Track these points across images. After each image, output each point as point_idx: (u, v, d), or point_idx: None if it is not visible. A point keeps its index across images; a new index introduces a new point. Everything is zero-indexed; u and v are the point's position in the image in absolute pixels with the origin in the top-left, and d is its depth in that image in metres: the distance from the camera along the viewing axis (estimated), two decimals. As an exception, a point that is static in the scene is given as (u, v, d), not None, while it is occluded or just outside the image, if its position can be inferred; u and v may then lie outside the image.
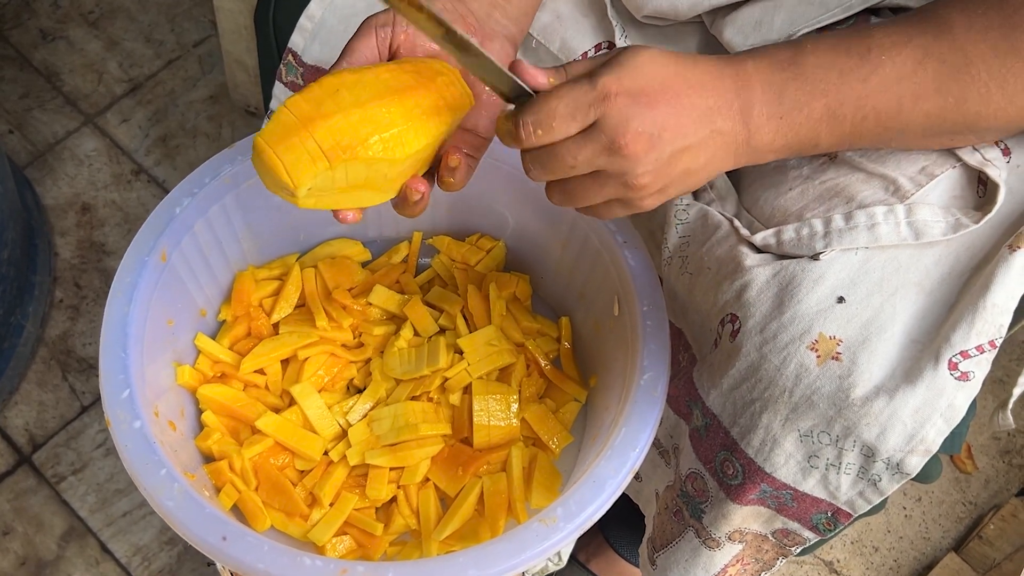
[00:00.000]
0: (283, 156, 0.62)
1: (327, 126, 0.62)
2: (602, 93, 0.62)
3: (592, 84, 0.63)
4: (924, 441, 0.67)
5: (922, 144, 0.71)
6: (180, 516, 0.72)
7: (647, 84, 0.63)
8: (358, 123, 0.63)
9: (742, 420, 0.72)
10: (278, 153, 0.62)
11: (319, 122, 0.62)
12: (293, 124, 0.62)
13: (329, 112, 0.62)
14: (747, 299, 0.71)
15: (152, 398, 0.80)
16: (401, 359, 0.92)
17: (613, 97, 0.62)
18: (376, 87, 0.65)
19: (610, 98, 0.62)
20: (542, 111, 0.63)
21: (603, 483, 0.74)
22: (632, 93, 0.63)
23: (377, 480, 0.87)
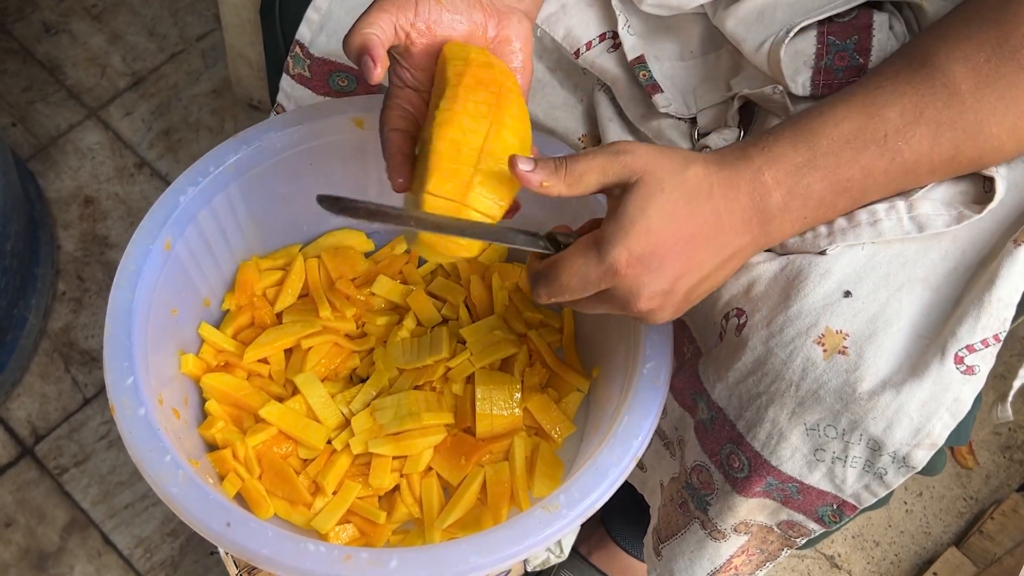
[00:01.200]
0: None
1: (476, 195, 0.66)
2: (611, 268, 0.64)
3: (600, 259, 0.64)
4: (930, 435, 0.67)
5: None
6: (184, 502, 0.72)
7: (658, 245, 0.64)
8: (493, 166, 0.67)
9: (748, 413, 0.73)
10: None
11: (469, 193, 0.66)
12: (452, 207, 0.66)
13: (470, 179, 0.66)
14: (754, 294, 0.72)
15: (157, 386, 0.80)
16: (404, 349, 0.92)
17: (623, 272, 0.64)
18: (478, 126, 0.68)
19: (619, 272, 0.64)
20: (554, 285, 0.66)
21: (606, 471, 0.74)
22: (643, 260, 0.64)
23: (380, 469, 0.87)
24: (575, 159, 0.65)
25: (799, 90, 0.76)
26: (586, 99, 0.90)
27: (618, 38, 0.85)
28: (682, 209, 0.64)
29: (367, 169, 0.93)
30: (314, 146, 0.90)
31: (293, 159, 0.90)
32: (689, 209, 0.65)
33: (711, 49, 0.85)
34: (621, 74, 0.85)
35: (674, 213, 0.64)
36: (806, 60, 0.77)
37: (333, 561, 0.70)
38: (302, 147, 0.89)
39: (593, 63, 0.86)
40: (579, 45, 0.87)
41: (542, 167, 0.64)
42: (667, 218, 0.64)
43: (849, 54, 0.76)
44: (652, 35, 0.86)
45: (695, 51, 0.86)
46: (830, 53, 0.76)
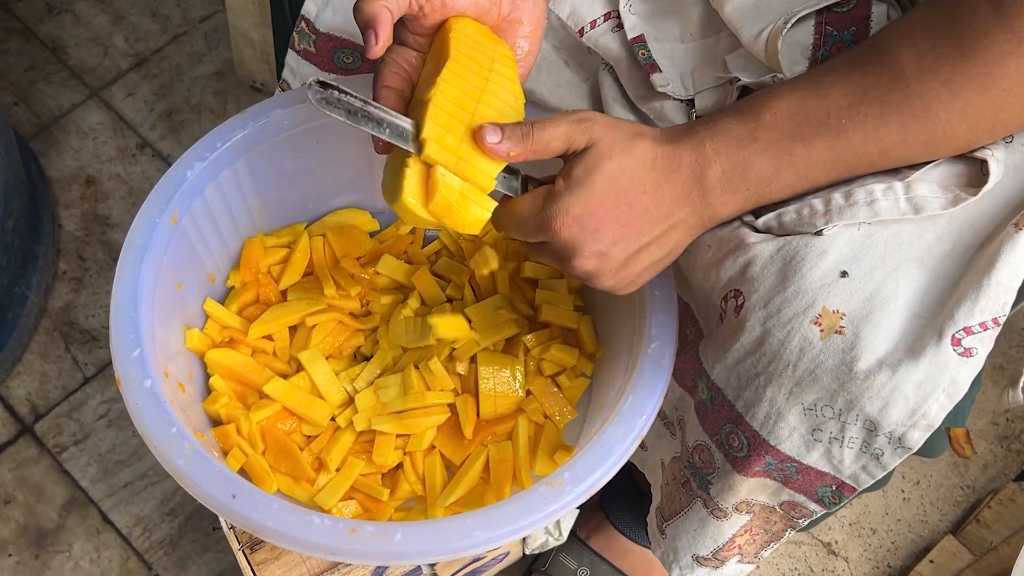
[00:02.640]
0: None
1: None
2: (548, 222, 0.69)
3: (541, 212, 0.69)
4: (926, 416, 0.67)
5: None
6: (190, 474, 0.72)
7: (596, 208, 0.68)
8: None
9: (747, 394, 0.73)
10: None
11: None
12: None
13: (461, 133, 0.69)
14: (751, 274, 0.72)
15: (163, 359, 0.80)
16: (407, 327, 0.92)
17: (559, 226, 0.68)
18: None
19: (554, 229, 0.69)
20: (503, 221, 0.72)
21: (610, 449, 0.74)
22: (580, 221, 0.68)
23: (384, 446, 0.87)
24: (542, 126, 0.69)
25: None
26: (591, 79, 0.91)
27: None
28: (625, 177, 0.69)
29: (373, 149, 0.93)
30: (321, 123, 0.89)
31: (300, 136, 0.90)
32: (631, 178, 0.69)
33: (710, 32, 0.85)
34: (624, 54, 0.85)
35: (617, 180, 0.69)
36: (803, 50, 0.77)
37: (338, 534, 0.70)
38: (309, 124, 0.89)
39: (597, 42, 0.87)
40: (583, 24, 0.87)
41: (509, 137, 0.68)
42: (609, 185, 0.68)
43: (846, 45, 0.76)
44: (653, 16, 0.86)
45: (695, 33, 0.86)
46: (827, 44, 0.77)
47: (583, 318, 0.94)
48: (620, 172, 0.69)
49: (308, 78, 0.93)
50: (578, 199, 0.68)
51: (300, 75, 0.95)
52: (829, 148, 0.68)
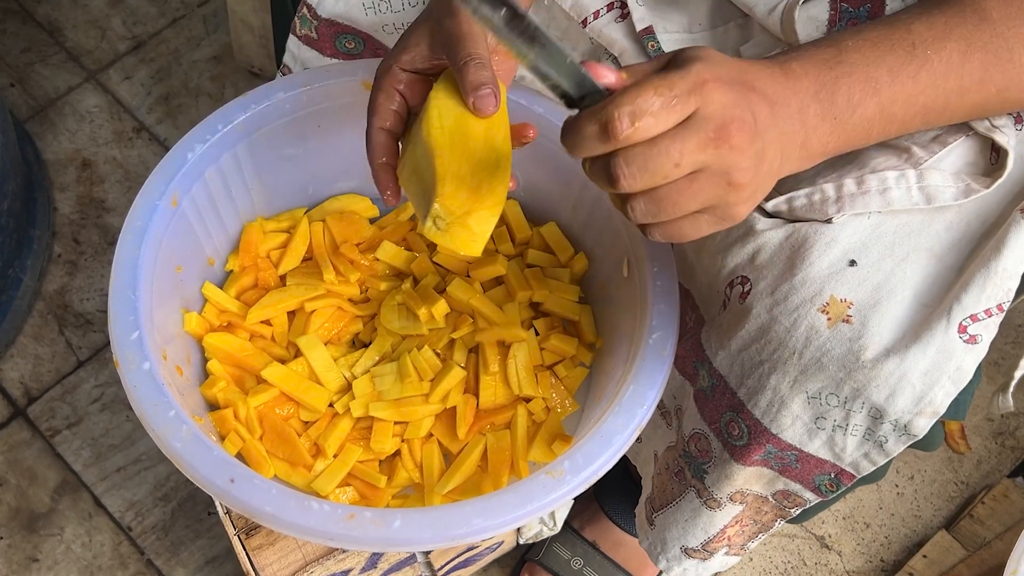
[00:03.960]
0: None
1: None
2: (699, 79, 0.58)
3: (685, 71, 0.58)
4: (932, 403, 0.67)
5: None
6: (188, 457, 0.72)
7: (731, 73, 0.60)
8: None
9: (750, 381, 0.73)
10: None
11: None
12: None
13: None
14: (759, 262, 0.72)
15: (161, 342, 0.80)
16: (400, 314, 0.92)
17: (712, 83, 0.58)
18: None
19: (708, 84, 0.58)
20: (639, 99, 0.56)
21: (610, 438, 0.74)
22: (728, 80, 0.59)
23: (381, 433, 0.87)
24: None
25: None
26: (593, 68, 0.90)
27: (626, 7, 0.84)
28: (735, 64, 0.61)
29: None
30: (323, 108, 0.89)
31: (301, 120, 0.89)
32: (741, 67, 0.61)
33: (719, 22, 0.85)
34: (629, 44, 0.85)
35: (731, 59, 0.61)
36: (818, 26, 0.77)
37: (336, 520, 0.70)
38: (311, 109, 0.89)
39: (600, 33, 0.86)
40: (587, 14, 0.86)
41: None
42: (728, 59, 0.61)
43: (862, 21, 0.76)
44: (661, 6, 0.86)
45: (703, 24, 0.86)
46: (843, 19, 0.76)
47: (583, 308, 0.94)
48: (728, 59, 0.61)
49: (309, 64, 0.94)
50: (714, 64, 0.59)
51: (301, 61, 0.94)
52: (913, 79, 0.65)
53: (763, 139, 0.60)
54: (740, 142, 0.58)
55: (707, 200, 0.60)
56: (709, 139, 0.57)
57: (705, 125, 0.57)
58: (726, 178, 0.59)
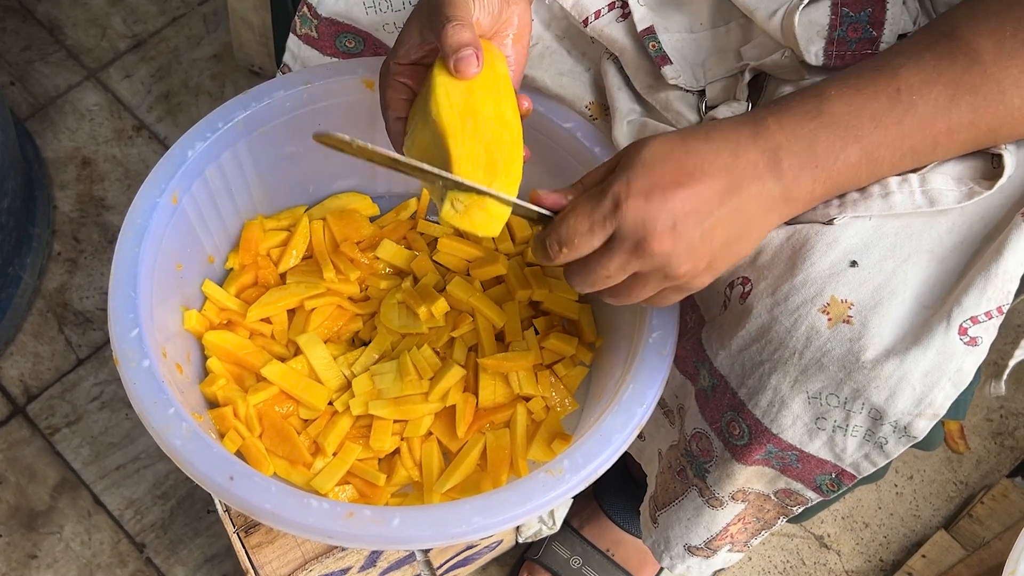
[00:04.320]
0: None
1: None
2: (615, 202, 0.64)
3: (602, 194, 0.64)
4: (932, 404, 0.67)
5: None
6: (188, 455, 0.72)
7: (658, 178, 0.64)
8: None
9: (750, 381, 0.72)
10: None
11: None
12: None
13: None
14: (760, 262, 0.72)
15: (161, 340, 0.80)
16: (399, 312, 0.92)
17: (624, 204, 0.64)
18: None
19: (622, 205, 0.64)
20: (562, 231, 0.66)
21: (610, 437, 0.74)
22: (644, 192, 0.64)
23: (381, 431, 0.87)
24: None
25: (812, 59, 0.76)
26: (593, 67, 0.90)
27: (627, 7, 0.84)
28: (679, 149, 0.65)
29: (376, 131, 0.92)
30: (323, 106, 0.89)
31: (302, 119, 0.89)
32: (686, 149, 0.65)
33: (720, 22, 0.85)
34: (629, 44, 0.85)
35: (671, 153, 0.65)
36: (819, 30, 0.76)
37: (336, 518, 0.70)
38: (311, 107, 0.89)
39: (601, 32, 0.86)
40: (587, 14, 0.86)
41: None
42: (664, 157, 0.65)
43: (862, 26, 0.76)
44: (662, 6, 0.86)
45: (704, 23, 0.86)
46: (843, 24, 0.76)
47: (583, 307, 0.94)
48: (671, 148, 0.65)
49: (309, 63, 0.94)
50: (638, 175, 0.64)
51: (301, 59, 0.94)
52: (898, 124, 0.66)
53: (700, 227, 0.64)
54: (660, 249, 0.64)
55: (656, 289, 0.68)
56: (630, 253, 0.65)
57: (623, 244, 0.65)
58: (662, 273, 0.66)
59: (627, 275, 0.67)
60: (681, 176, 0.64)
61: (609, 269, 0.66)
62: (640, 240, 0.64)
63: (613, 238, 0.65)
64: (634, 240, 0.64)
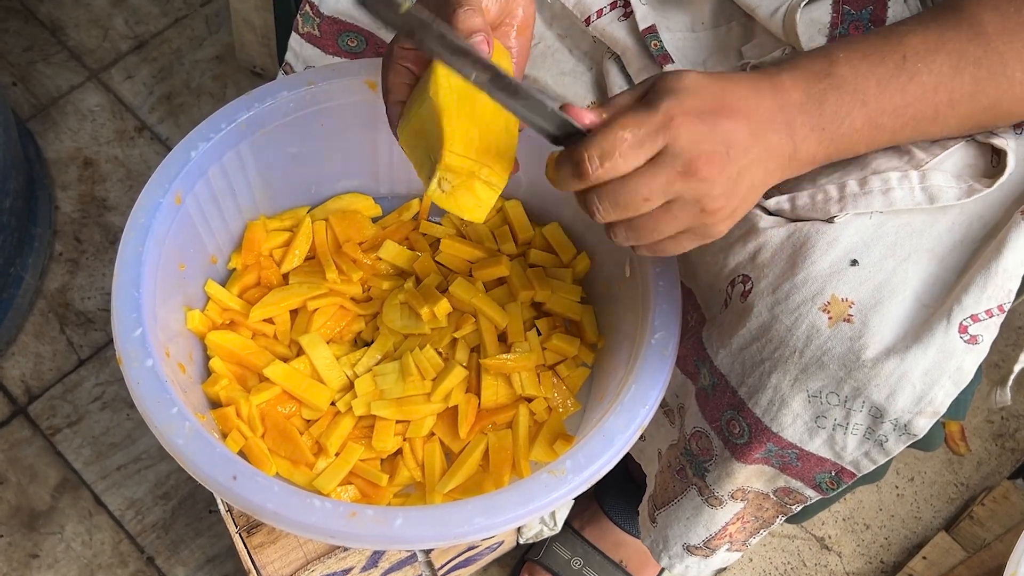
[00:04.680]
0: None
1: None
2: (667, 116, 0.61)
3: (654, 109, 0.61)
4: (932, 403, 0.67)
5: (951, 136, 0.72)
6: (191, 454, 0.72)
7: (705, 103, 0.62)
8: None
9: (750, 380, 0.73)
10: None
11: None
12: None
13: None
14: (760, 260, 0.72)
15: (163, 340, 0.80)
16: (402, 313, 0.92)
17: (679, 119, 0.61)
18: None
19: (676, 120, 0.60)
20: (607, 141, 0.60)
21: (612, 438, 0.74)
22: (696, 113, 0.61)
23: (383, 432, 0.87)
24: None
25: None
26: (595, 67, 0.90)
27: (629, 6, 0.85)
28: (716, 85, 0.63)
29: (378, 132, 0.93)
30: (326, 107, 0.89)
31: (305, 119, 0.89)
32: (723, 87, 0.64)
33: (722, 21, 0.85)
34: (631, 43, 0.85)
35: (711, 84, 0.63)
36: (821, 28, 0.77)
37: (338, 517, 0.70)
38: (314, 108, 0.89)
39: (603, 31, 0.86)
40: (589, 13, 0.86)
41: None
42: (707, 86, 0.63)
43: (864, 24, 0.76)
44: (663, 5, 0.86)
45: (706, 23, 0.86)
46: (845, 23, 0.77)
47: (585, 308, 0.94)
48: (709, 82, 0.63)
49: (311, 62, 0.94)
50: (687, 96, 0.61)
51: (303, 59, 0.94)
52: (902, 91, 0.66)
53: (739, 163, 0.63)
54: (709, 174, 0.61)
55: (683, 225, 0.64)
56: (678, 174, 0.61)
57: (673, 161, 0.61)
58: (698, 206, 0.63)
59: (666, 200, 0.62)
60: (724, 108, 0.63)
61: (652, 189, 0.61)
62: (692, 160, 0.61)
63: (661, 155, 0.61)
64: (686, 159, 0.61)
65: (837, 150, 0.68)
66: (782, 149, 0.65)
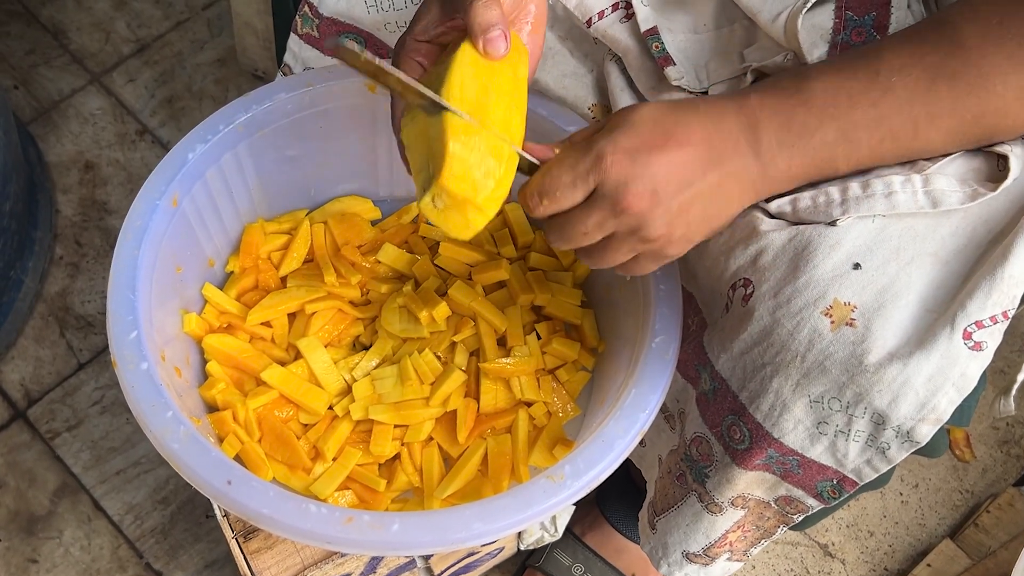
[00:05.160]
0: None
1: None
2: (597, 157, 0.65)
3: (588, 149, 0.65)
4: (935, 409, 0.67)
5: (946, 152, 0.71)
6: (186, 459, 0.71)
7: (645, 140, 0.65)
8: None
9: (752, 385, 0.72)
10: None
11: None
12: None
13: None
14: (762, 264, 0.71)
15: (160, 343, 0.79)
16: (401, 316, 0.91)
17: (608, 159, 0.64)
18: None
19: (605, 161, 0.64)
20: (545, 182, 0.66)
21: (612, 443, 0.74)
22: (629, 152, 0.65)
23: (381, 436, 0.87)
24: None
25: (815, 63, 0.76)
26: (597, 69, 0.90)
27: (631, 8, 0.84)
28: (668, 116, 0.66)
29: (377, 135, 0.92)
30: (325, 109, 0.89)
31: (303, 121, 0.89)
32: (675, 118, 0.66)
33: (724, 23, 0.85)
34: (633, 45, 0.84)
35: (660, 119, 0.66)
36: (823, 34, 0.76)
37: (334, 522, 0.69)
38: (313, 109, 0.89)
39: (605, 33, 0.86)
40: (591, 14, 0.85)
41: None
42: (653, 122, 0.66)
43: (867, 30, 0.76)
44: (665, 7, 0.85)
45: (708, 24, 0.85)
46: (847, 28, 0.76)
47: (586, 312, 0.93)
48: (661, 116, 0.66)
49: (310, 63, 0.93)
50: (625, 134, 0.65)
51: (302, 60, 0.94)
52: (874, 104, 0.67)
53: (677, 198, 0.65)
54: (639, 210, 0.65)
55: (630, 252, 0.68)
56: (609, 211, 0.65)
57: (602, 201, 0.65)
58: (637, 236, 0.67)
59: (604, 234, 0.67)
60: (667, 141, 0.65)
61: (587, 225, 0.66)
62: (619, 200, 0.65)
63: (594, 194, 0.66)
64: (614, 198, 0.65)
65: (814, 165, 0.69)
66: (747, 170, 0.68)
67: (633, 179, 0.64)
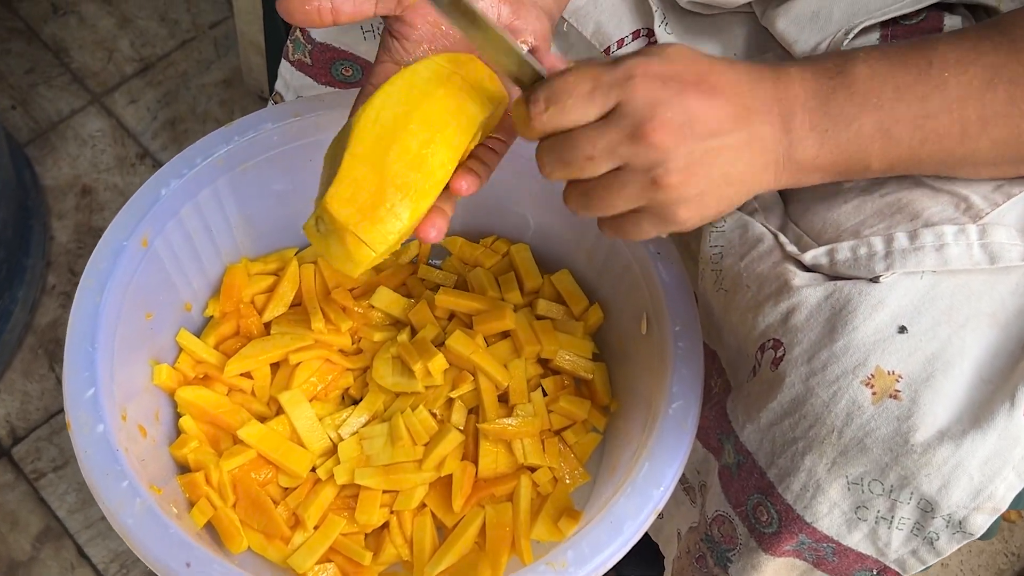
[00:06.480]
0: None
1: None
2: (626, 73, 0.56)
3: (615, 64, 0.57)
4: (992, 497, 0.61)
5: (991, 173, 0.65)
6: (140, 536, 0.66)
7: (679, 71, 0.58)
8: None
9: (781, 461, 0.66)
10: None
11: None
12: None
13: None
14: (794, 324, 0.65)
15: (122, 399, 0.74)
16: (394, 368, 0.85)
17: (639, 78, 0.56)
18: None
19: (635, 79, 0.56)
20: (556, 86, 0.57)
21: (621, 524, 0.68)
22: (662, 77, 0.57)
23: (368, 503, 0.81)
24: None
25: None
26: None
27: (653, 36, 0.79)
28: (704, 60, 0.59)
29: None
30: (315, 141, 0.83)
31: (291, 154, 0.83)
32: (711, 64, 0.59)
33: (756, 52, 0.80)
34: None
35: (697, 59, 0.59)
36: None
37: (308, 608, 0.63)
38: (301, 141, 0.83)
39: (626, 63, 0.79)
40: (610, 43, 0.81)
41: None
42: (689, 59, 0.59)
43: None
44: (692, 35, 0.80)
45: (739, 53, 0.80)
46: None
47: (598, 366, 0.87)
48: (699, 56, 0.59)
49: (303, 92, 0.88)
50: (659, 60, 0.57)
51: (294, 88, 0.90)
52: (922, 100, 0.61)
53: (706, 142, 0.57)
54: (661, 142, 0.56)
55: (634, 198, 0.59)
56: (625, 136, 0.57)
57: (621, 121, 0.57)
58: (648, 176, 0.57)
59: (611, 165, 0.58)
60: (702, 83, 0.58)
61: (596, 147, 0.57)
62: (643, 123, 0.56)
63: (613, 113, 0.57)
64: (636, 120, 0.56)
65: (842, 156, 0.62)
66: (774, 143, 0.61)
67: (663, 104, 0.56)
